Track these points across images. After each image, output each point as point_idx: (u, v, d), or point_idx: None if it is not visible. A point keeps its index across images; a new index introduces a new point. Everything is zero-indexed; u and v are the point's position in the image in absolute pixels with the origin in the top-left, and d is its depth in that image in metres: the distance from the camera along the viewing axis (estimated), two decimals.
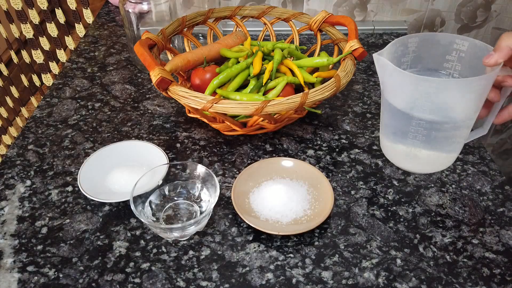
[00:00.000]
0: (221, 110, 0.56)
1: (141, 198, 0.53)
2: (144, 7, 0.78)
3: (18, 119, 1.58)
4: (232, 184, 0.58)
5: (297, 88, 0.71)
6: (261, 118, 0.63)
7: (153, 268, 0.49)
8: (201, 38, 0.93)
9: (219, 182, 0.57)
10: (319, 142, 0.67)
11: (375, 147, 0.66)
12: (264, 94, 0.67)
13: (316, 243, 0.52)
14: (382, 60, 0.47)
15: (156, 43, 0.69)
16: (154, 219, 0.53)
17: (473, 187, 0.59)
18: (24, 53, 1.36)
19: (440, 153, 0.54)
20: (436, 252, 0.51)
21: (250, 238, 0.53)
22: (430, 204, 0.57)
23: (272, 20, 0.81)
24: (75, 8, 1.22)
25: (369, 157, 0.64)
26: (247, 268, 0.49)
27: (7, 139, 1.51)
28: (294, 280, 0.48)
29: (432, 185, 0.60)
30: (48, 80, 1.41)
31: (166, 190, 0.56)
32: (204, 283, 0.48)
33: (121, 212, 0.56)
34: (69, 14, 1.27)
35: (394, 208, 0.56)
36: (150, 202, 0.54)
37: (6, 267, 0.50)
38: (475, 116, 0.50)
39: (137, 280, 0.48)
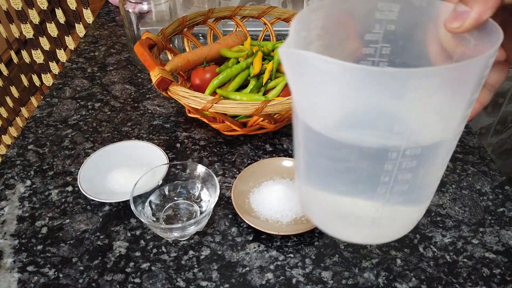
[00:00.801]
0: (221, 110, 0.56)
1: (141, 198, 0.53)
2: (144, 7, 0.78)
3: (18, 119, 1.58)
4: (232, 184, 0.58)
5: None
6: (261, 118, 0.63)
7: (153, 268, 0.49)
8: (201, 38, 0.93)
9: (219, 182, 0.57)
10: None
11: None
12: (264, 94, 0.67)
13: (316, 243, 0.52)
14: (300, 54, 0.24)
15: (156, 43, 0.69)
16: (154, 219, 0.53)
17: (473, 187, 0.59)
18: (24, 53, 1.36)
19: (419, 204, 0.32)
20: (436, 252, 0.51)
21: (250, 238, 0.53)
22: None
23: (272, 20, 0.81)
24: (75, 8, 1.22)
25: None
26: (247, 268, 0.49)
27: (7, 139, 1.51)
28: (294, 280, 0.48)
29: None
30: (48, 80, 1.41)
31: (166, 190, 0.56)
32: (204, 283, 0.48)
33: (121, 212, 0.56)
34: (69, 14, 1.27)
35: None
36: (150, 202, 0.54)
37: (6, 267, 0.50)
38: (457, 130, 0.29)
39: (137, 280, 0.48)
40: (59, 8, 1.26)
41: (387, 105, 0.24)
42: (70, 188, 0.59)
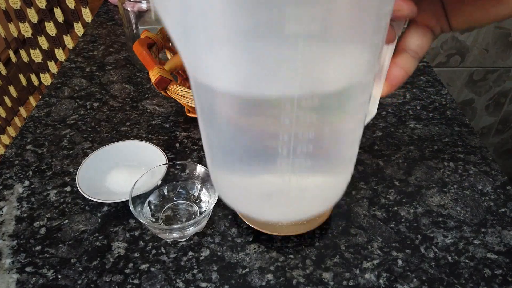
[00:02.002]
0: None
1: (140, 198, 0.52)
2: (143, 6, 0.78)
3: (16, 119, 1.57)
4: None
5: None
6: None
7: (152, 269, 0.49)
8: None
9: None
10: None
11: (376, 147, 0.66)
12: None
13: (317, 244, 0.52)
14: None
15: (155, 42, 0.68)
16: (153, 220, 0.53)
17: (474, 187, 0.59)
18: (22, 53, 1.36)
19: (336, 168, 0.28)
20: (437, 252, 0.51)
21: (250, 239, 0.52)
22: (431, 204, 0.57)
23: None
24: (74, 7, 1.22)
25: (370, 157, 0.64)
26: (247, 269, 0.49)
27: (5, 139, 1.50)
28: (294, 281, 0.48)
29: (434, 185, 0.59)
30: (46, 79, 1.41)
31: (165, 190, 0.55)
32: (203, 284, 0.47)
33: (120, 212, 0.55)
34: (68, 13, 1.26)
35: (395, 208, 0.56)
36: (149, 202, 0.54)
37: (4, 268, 0.49)
38: (367, 80, 0.25)
39: (136, 281, 0.48)
40: (58, 7, 1.25)
41: (269, 47, 0.20)
42: (68, 189, 0.59)
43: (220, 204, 0.57)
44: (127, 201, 0.50)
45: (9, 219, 0.55)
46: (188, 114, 0.70)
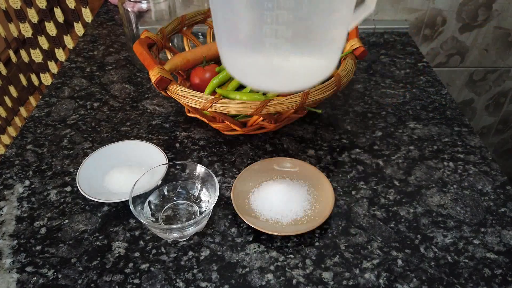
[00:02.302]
0: (220, 110, 0.56)
1: (140, 198, 0.52)
2: (143, 6, 0.78)
3: (16, 119, 1.57)
4: (232, 184, 0.58)
5: None
6: (261, 118, 0.62)
7: (152, 268, 0.49)
8: (201, 37, 0.93)
9: (218, 182, 0.56)
10: (319, 142, 0.67)
11: (376, 147, 0.66)
12: (264, 93, 0.66)
13: (317, 243, 0.52)
14: None
15: (155, 42, 0.68)
16: (153, 220, 0.53)
17: (474, 187, 0.59)
18: (22, 53, 1.36)
19: (317, 54, 0.33)
20: (437, 252, 0.51)
21: (250, 239, 0.52)
22: (431, 204, 0.57)
23: None
24: (74, 7, 1.22)
25: (370, 157, 0.64)
26: (247, 269, 0.49)
27: (5, 139, 1.50)
28: (294, 281, 0.48)
29: (433, 185, 0.59)
30: (46, 79, 1.41)
31: (166, 190, 0.55)
32: (203, 284, 0.48)
33: (120, 212, 0.56)
34: (68, 13, 1.26)
35: (395, 208, 0.56)
36: (149, 202, 0.54)
37: (4, 268, 0.49)
38: None
39: (136, 281, 0.48)
40: (58, 7, 1.25)
41: None
42: (69, 188, 0.59)
43: (220, 204, 0.57)
44: (127, 201, 0.50)
45: (10, 219, 0.55)
46: (188, 114, 0.71)
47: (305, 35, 0.30)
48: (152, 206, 0.54)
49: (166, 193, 0.55)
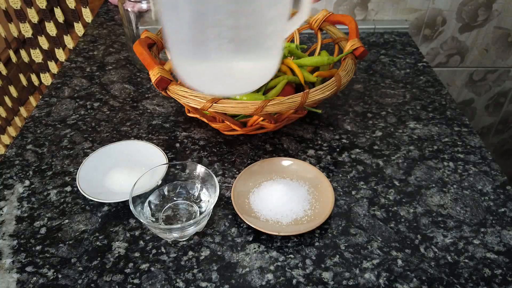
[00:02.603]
0: (220, 110, 0.56)
1: (140, 198, 0.52)
2: (143, 6, 0.78)
3: (16, 119, 1.57)
4: (232, 184, 0.58)
5: (297, 88, 0.70)
6: (261, 118, 0.62)
7: (152, 268, 0.49)
8: None
9: (218, 182, 0.56)
10: (319, 142, 0.67)
11: (376, 147, 0.66)
12: (264, 93, 0.66)
13: (317, 243, 0.52)
14: None
15: (155, 42, 0.68)
16: (153, 220, 0.53)
17: (474, 187, 0.59)
18: (23, 53, 1.36)
19: (259, 58, 0.37)
20: (437, 252, 0.51)
21: (250, 239, 0.52)
22: (431, 204, 0.57)
23: None
24: (74, 7, 1.22)
25: (370, 157, 0.64)
26: (247, 269, 0.49)
27: (5, 139, 1.50)
28: (294, 281, 0.48)
29: (433, 185, 0.59)
30: (46, 79, 1.41)
31: (166, 190, 0.55)
32: (203, 284, 0.48)
33: (120, 212, 0.56)
34: (68, 13, 1.26)
35: (395, 208, 0.56)
36: (149, 202, 0.54)
37: (5, 268, 0.49)
38: None
39: (136, 281, 0.48)
40: (58, 7, 1.25)
41: None
42: (69, 188, 0.59)
43: (220, 204, 0.57)
44: (127, 201, 0.50)
45: (10, 219, 0.55)
46: (188, 114, 0.71)
47: (246, 43, 0.35)
48: (152, 206, 0.54)
49: (166, 193, 0.55)
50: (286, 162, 0.60)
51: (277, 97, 0.59)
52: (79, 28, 1.24)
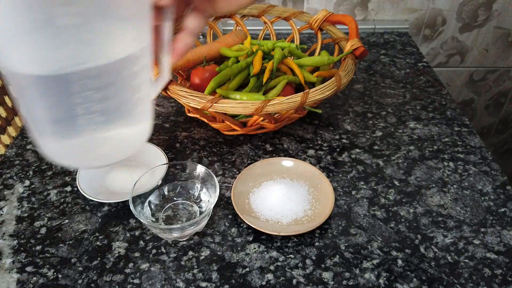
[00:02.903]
0: (221, 110, 0.56)
1: (140, 198, 0.52)
2: None
3: (17, 119, 1.57)
4: (232, 184, 0.58)
5: (298, 88, 0.70)
6: (261, 118, 0.62)
7: (152, 268, 0.49)
8: (201, 37, 0.93)
9: (218, 182, 0.56)
10: (319, 142, 0.67)
11: (376, 147, 0.66)
12: (264, 93, 0.66)
13: (317, 243, 0.52)
14: None
15: None
16: (154, 220, 0.53)
17: (474, 187, 0.59)
18: None
19: (131, 125, 0.38)
20: (437, 252, 0.51)
21: (250, 239, 0.52)
22: (431, 204, 0.57)
23: (272, 19, 0.81)
24: None
25: (370, 157, 0.64)
26: (247, 269, 0.49)
27: (5, 139, 1.50)
28: (294, 281, 0.48)
29: (434, 185, 0.59)
30: None
31: (166, 190, 0.55)
32: (203, 284, 0.48)
33: (120, 212, 0.56)
34: None
35: (395, 208, 0.56)
36: (149, 202, 0.54)
37: (5, 268, 0.49)
38: (144, 50, 0.36)
39: (137, 281, 0.48)
40: None
41: (50, 36, 0.28)
42: (69, 188, 0.59)
43: (220, 204, 0.57)
44: (127, 201, 0.50)
45: (10, 218, 0.55)
46: (188, 114, 0.71)
47: (117, 113, 0.36)
48: (152, 206, 0.54)
49: (166, 193, 0.55)
50: (286, 162, 0.60)
51: (277, 97, 0.59)
52: None
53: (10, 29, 0.28)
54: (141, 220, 0.48)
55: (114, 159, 0.40)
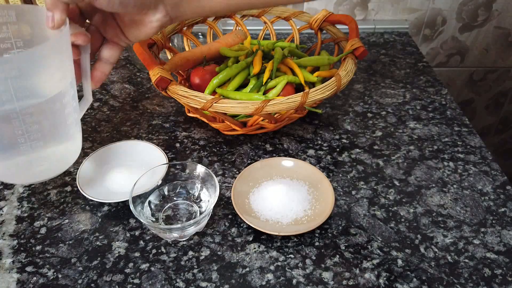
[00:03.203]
0: (221, 110, 0.56)
1: (140, 198, 0.52)
2: None
3: None
4: (232, 184, 0.58)
5: (298, 88, 0.71)
6: (261, 118, 0.62)
7: (152, 268, 0.49)
8: (201, 37, 0.93)
9: (218, 182, 0.56)
10: (319, 142, 0.67)
11: (376, 147, 0.66)
12: (264, 93, 0.66)
13: (317, 243, 0.52)
14: None
15: (155, 42, 0.68)
16: (154, 220, 0.53)
17: (474, 187, 0.59)
18: None
19: (66, 142, 0.48)
20: (437, 252, 0.51)
21: (250, 239, 0.52)
22: (431, 204, 0.57)
23: (272, 19, 0.81)
24: None
25: (370, 157, 0.64)
26: (247, 269, 0.49)
27: None
28: (294, 281, 0.48)
29: (434, 185, 0.59)
30: None
31: (166, 190, 0.55)
32: (203, 284, 0.48)
33: (120, 212, 0.56)
34: None
35: (395, 208, 0.56)
36: (149, 202, 0.54)
37: (5, 268, 0.49)
38: (70, 84, 0.45)
39: (136, 281, 0.48)
40: None
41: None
42: (69, 188, 0.59)
43: (220, 204, 0.57)
44: (127, 201, 0.50)
45: (10, 218, 0.55)
46: (188, 114, 0.71)
47: (53, 136, 0.46)
48: (152, 206, 0.54)
49: (166, 193, 0.55)
50: (286, 162, 0.60)
51: (277, 97, 0.59)
52: None
53: None
54: (141, 220, 0.48)
55: (51, 174, 0.50)
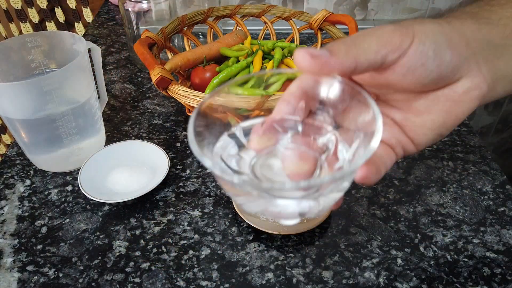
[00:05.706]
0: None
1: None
2: (144, 6, 0.78)
3: None
4: None
5: None
6: (262, 113, 0.62)
7: (153, 267, 0.49)
8: (201, 37, 0.93)
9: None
10: None
11: None
12: (264, 89, 0.66)
13: (317, 242, 0.52)
14: None
15: (156, 42, 0.68)
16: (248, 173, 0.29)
17: (474, 187, 0.59)
18: None
19: (94, 135, 0.63)
20: (437, 251, 0.51)
21: (250, 238, 0.52)
22: (431, 203, 0.57)
23: (272, 19, 0.81)
24: (75, 7, 1.22)
25: None
26: (247, 268, 0.49)
27: (6, 139, 1.50)
28: (294, 280, 0.48)
29: (433, 184, 0.60)
30: None
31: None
32: (204, 283, 0.48)
33: (121, 211, 0.56)
34: (69, 13, 1.27)
35: (395, 207, 0.56)
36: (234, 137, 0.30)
37: (6, 267, 0.49)
38: (93, 88, 0.60)
39: (137, 280, 0.48)
40: (59, 7, 1.25)
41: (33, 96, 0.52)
42: (70, 188, 0.59)
43: (220, 203, 0.57)
44: (128, 200, 0.50)
45: (11, 218, 0.55)
46: (188, 114, 0.71)
47: (86, 130, 0.60)
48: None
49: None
50: None
51: (278, 92, 0.59)
52: (79, 28, 1.24)
53: (18, 99, 0.53)
54: (216, 172, 0.25)
55: (81, 163, 0.59)
